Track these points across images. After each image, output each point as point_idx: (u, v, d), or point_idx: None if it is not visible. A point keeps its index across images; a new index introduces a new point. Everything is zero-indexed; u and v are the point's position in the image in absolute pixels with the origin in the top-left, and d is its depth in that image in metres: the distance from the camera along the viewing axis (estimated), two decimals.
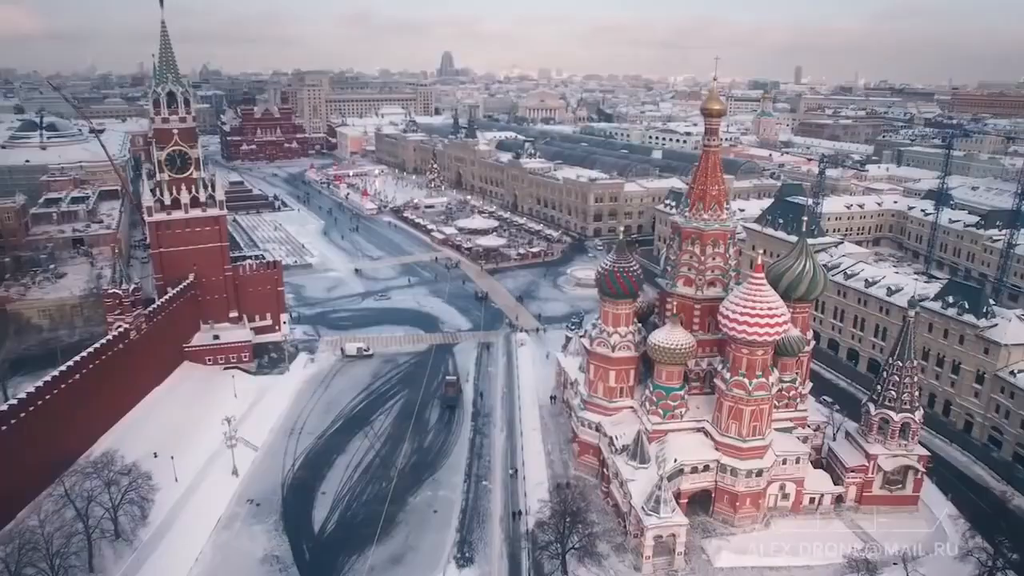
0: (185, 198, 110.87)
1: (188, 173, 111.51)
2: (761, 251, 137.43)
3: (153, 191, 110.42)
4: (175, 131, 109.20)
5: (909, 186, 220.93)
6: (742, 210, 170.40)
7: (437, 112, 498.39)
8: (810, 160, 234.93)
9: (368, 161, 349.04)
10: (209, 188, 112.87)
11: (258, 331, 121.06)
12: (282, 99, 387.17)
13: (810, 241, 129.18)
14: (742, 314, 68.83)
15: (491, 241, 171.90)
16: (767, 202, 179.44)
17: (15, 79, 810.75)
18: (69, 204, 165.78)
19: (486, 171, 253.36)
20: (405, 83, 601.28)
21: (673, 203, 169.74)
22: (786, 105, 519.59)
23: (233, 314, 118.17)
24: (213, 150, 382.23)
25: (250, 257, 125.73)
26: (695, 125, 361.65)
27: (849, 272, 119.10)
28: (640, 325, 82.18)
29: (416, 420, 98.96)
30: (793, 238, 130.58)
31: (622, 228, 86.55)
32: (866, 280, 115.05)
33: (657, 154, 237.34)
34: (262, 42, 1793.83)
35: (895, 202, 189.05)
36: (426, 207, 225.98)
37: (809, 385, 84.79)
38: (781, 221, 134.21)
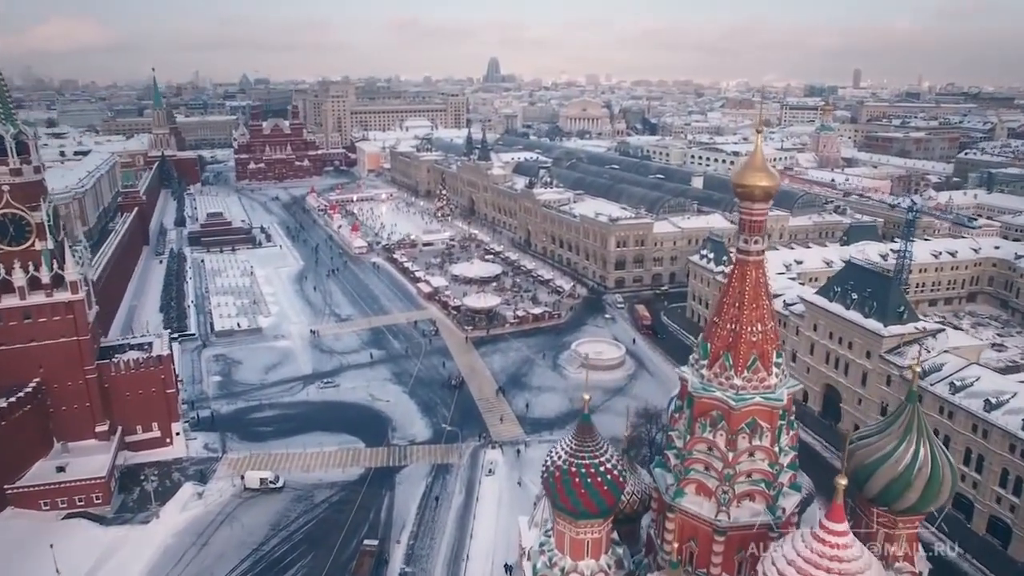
0: (20, 279, 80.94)
1: (27, 244, 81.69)
2: (826, 336, 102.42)
3: None
4: (5, 187, 79.37)
5: (1008, 220, 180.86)
6: (799, 262, 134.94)
7: (469, 124, 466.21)
8: (887, 200, 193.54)
9: (383, 181, 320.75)
10: (56, 264, 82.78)
11: (139, 446, 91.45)
12: (293, 114, 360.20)
13: (899, 330, 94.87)
14: None
15: (482, 301, 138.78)
16: (831, 249, 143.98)
17: (76, 91, 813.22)
18: None
19: (499, 200, 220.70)
20: (437, 93, 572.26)
21: (711, 255, 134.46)
22: (846, 112, 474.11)
23: (101, 428, 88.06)
24: (231, 166, 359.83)
25: (129, 347, 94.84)
26: (745, 140, 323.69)
27: (959, 383, 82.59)
28: (622, 551, 47.99)
29: None
30: (871, 323, 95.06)
31: (586, 398, 48.74)
32: (988, 400, 78.53)
33: (697, 181, 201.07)
34: (311, 50, 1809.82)
35: (997, 248, 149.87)
36: (424, 245, 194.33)
37: None
38: (854, 296, 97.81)
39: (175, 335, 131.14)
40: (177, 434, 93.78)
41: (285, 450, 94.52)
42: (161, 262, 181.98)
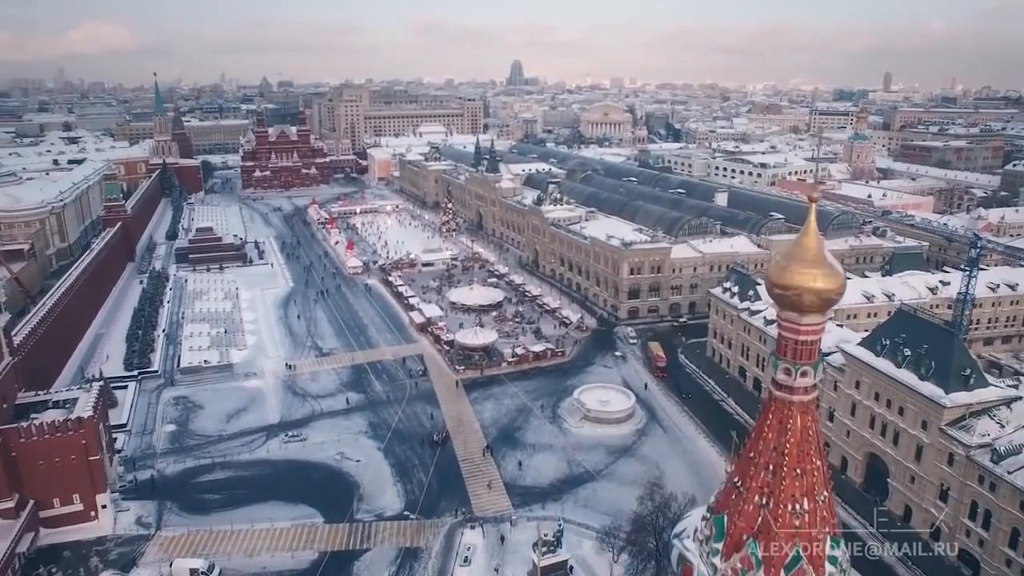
0: None
1: None
2: (871, 396, 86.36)
3: None
4: None
5: None
6: None
7: (484, 129, 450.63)
8: (940, 230, 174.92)
9: (392, 191, 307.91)
10: None
11: (57, 522, 78.31)
12: (300, 119, 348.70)
13: (964, 399, 78.43)
14: None
15: (477, 338, 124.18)
16: (872, 281, 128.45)
17: (101, 93, 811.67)
18: None
19: (507, 215, 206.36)
20: (455, 97, 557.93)
21: (734, 288, 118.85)
22: (877, 118, 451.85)
23: (6, 505, 74.77)
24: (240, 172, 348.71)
25: (51, 404, 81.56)
26: (773, 148, 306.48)
27: None
28: None
29: None
30: (929, 387, 78.72)
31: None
32: None
33: (721, 198, 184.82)
34: (337, 52, 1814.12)
35: None
36: (423, 265, 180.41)
37: None
38: (907, 352, 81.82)
39: (136, 372, 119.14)
40: (104, 507, 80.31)
41: (229, 526, 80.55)
42: (142, 282, 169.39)
